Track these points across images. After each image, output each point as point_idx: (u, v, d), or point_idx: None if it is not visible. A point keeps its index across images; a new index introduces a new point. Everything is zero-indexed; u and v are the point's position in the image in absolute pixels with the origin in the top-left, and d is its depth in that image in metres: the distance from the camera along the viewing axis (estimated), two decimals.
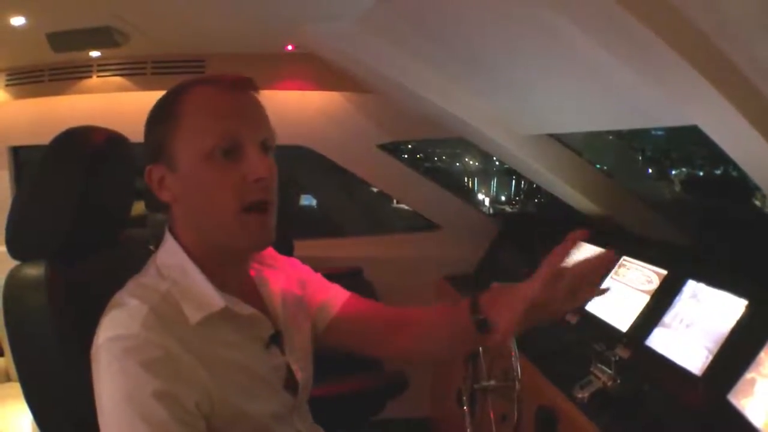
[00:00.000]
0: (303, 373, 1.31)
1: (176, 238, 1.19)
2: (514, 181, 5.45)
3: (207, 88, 1.14)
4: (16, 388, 1.28)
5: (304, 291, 1.44)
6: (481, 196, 5.46)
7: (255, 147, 1.12)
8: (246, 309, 1.19)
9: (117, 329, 1.04)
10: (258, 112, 1.17)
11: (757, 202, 3.12)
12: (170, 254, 1.18)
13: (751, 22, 1.30)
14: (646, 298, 2.16)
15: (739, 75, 1.42)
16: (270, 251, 1.42)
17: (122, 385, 1.00)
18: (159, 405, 0.99)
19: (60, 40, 2.83)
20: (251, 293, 1.29)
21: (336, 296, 1.46)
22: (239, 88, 1.15)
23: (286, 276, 1.40)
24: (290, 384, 1.27)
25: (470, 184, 5.62)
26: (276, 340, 1.25)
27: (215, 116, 1.11)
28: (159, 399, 0.99)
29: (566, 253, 1.18)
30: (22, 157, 3.71)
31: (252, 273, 1.32)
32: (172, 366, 1.03)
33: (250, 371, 1.17)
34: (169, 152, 1.13)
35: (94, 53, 3.31)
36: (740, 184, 3.23)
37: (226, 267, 1.21)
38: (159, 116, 1.15)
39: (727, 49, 1.38)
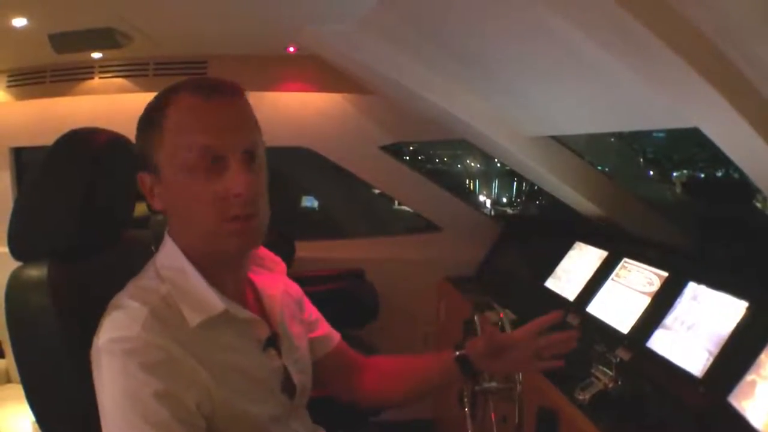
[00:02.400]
0: (300, 376, 1.31)
1: (175, 241, 1.19)
2: (515, 183, 5.45)
3: (190, 97, 1.11)
4: (16, 389, 1.28)
5: (301, 312, 1.46)
6: (482, 198, 5.46)
7: (236, 159, 1.10)
8: (244, 312, 1.19)
9: (117, 331, 1.05)
10: (241, 121, 1.15)
11: (758, 205, 3.12)
12: (170, 257, 1.18)
13: (752, 24, 1.30)
14: (647, 300, 2.16)
15: (740, 77, 1.42)
16: (270, 255, 1.42)
17: (124, 386, 1.01)
18: (160, 405, 0.99)
19: (62, 41, 2.83)
20: (249, 296, 1.29)
21: (332, 334, 1.53)
22: (222, 95, 1.13)
23: (285, 284, 1.41)
24: (287, 387, 1.27)
25: (471, 186, 5.62)
26: (273, 342, 1.26)
27: (196, 129, 1.10)
28: (160, 399, 1.00)
29: (542, 325, 1.38)
30: (23, 158, 3.71)
31: (251, 276, 1.33)
32: (173, 367, 1.04)
33: (249, 374, 1.18)
34: (155, 162, 1.14)
35: (96, 54, 3.31)
36: (741, 187, 3.23)
37: (223, 270, 1.21)
38: (145, 126, 1.15)
39: (728, 52, 1.38)
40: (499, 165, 4.80)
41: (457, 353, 1.43)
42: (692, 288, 2.00)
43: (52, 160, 1.29)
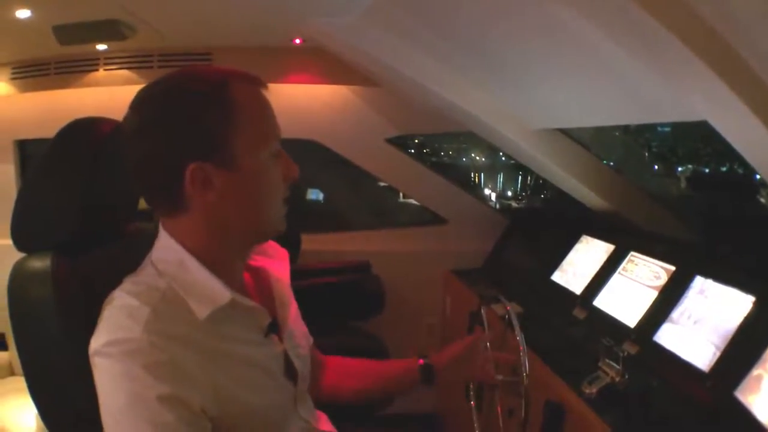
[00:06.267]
0: (300, 360, 1.31)
1: (173, 235, 1.15)
2: (520, 176, 5.43)
3: (247, 85, 1.12)
4: (20, 382, 1.28)
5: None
6: (487, 191, 5.45)
7: (280, 147, 1.17)
8: (249, 301, 1.18)
9: (117, 332, 1.02)
10: None
11: (763, 200, 3.11)
12: (166, 251, 1.15)
13: (761, 17, 1.28)
14: (654, 294, 2.15)
15: (749, 70, 1.41)
16: (271, 242, 1.41)
17: (126, 389, 0.98)
18: (165, 408, 0.97)
19: (66, 33, 2.82)
20: (249, 284, 1.29)
21: (308, 333, 1.51)
22: (263, 86, 1.16)
23: (285, 268, 1.41)
24: (289, 372, 1.27)
25: (477, 179, 5.60)
26: (274, 328, 1.25)
27: (269, 116, 1.15)
28: (164, 402, 0.98)
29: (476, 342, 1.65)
30: (28, 150, 3.71)
31: (253, 263, 1.32)
32: (178, 369, 1.01)
33: (254, 363, 1.17)
34: (228, 149, 1.08)
35: (101, 46, 3.30)
36: (745, 181, 3.23)
37: (236, 260, 1.22)
38: (206, 113, 1.07)
39: (737, 45, 1.37)
40: (504, 158, 4.78)
41: (422, 362, 1.58)
42: (699, 282, 1.99)
43: (55, 150, 1.28)
